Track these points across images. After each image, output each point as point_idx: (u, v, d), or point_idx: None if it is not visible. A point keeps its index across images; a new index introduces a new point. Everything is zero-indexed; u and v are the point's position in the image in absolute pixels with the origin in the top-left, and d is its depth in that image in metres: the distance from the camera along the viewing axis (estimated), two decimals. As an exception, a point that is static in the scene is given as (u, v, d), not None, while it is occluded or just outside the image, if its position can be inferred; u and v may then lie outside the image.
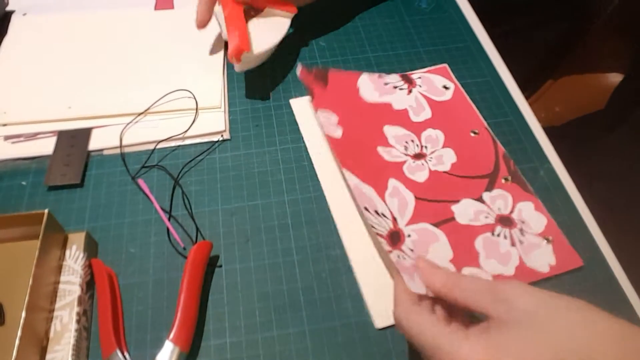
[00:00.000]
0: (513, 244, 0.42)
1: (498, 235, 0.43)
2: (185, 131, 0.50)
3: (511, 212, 0.44)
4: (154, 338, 0.39)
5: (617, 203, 0.63)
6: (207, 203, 0.46)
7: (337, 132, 0.48)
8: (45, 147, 0.49)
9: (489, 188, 0.46)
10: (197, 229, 0.44)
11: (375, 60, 0.58)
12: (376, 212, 0.43)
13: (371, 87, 0.53)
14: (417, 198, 0.45)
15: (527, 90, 1.03)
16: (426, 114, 0.51)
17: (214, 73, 0.55)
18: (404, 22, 0.62)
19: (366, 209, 0.42)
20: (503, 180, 0.46)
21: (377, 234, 0.41)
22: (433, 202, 0.45)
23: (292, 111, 0.53)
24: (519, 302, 0.28)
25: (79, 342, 0.37)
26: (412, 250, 0.41)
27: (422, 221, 0.43)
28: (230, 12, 0.51)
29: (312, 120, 0.52)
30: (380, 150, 0.48)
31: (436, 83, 0.54)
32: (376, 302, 0.40)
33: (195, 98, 0.52)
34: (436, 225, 0.43)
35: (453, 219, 0.44)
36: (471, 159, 0.48)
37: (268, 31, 0.53)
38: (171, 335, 0.36)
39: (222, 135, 0.50)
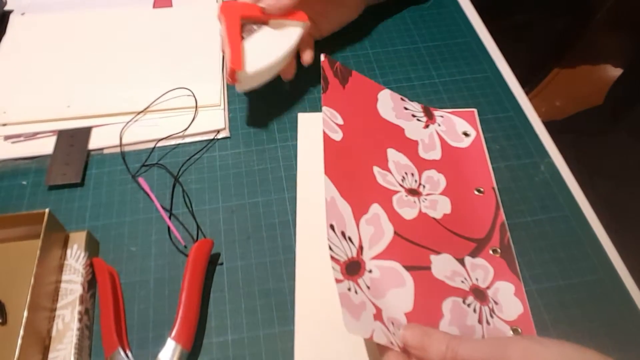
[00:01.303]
0: (480, 321, 0.37)
1: (469, 305, 0.38)
2: (185, 129, 0.50)
3: (487, 287, 0.40)
4: (155, 336, 0.39)
5: (618, 197, 0.63)
6: (208, 201, 0.46)
7: (337, 135, 0.42)
8: (45, 146, 0.49)
9: (473, 254, 0.41)
10: (198, 227, 0.44)
11: (375, 56, 0.57)
12: (342, 233, 0.36)
13: (390, 105, 0.49)
14: (396, 234, 0.39)
15: (527, 85, 1.02)
16: (435, 154, 0.47)
17: (213, 71, 0.55)
18: (403, 18, 0.62)
19: (332, 226, 0.36)
20: (491, 252, 0.41)
21: (332, 257, 0.34)
22: (413, 244, 0.39)
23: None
24: None
25: (81, 341, 0.37)
26: (368, 287, 0.35)
27: (393, 259, 0.38)
28: (228, 26, 0.47)
29: (312, 140, 0.49)
30: (376, 170, 0.43)
31: (457, 127, 0.50)
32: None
33: (194, 96, 0.52)
34: (407, 268, 0.38)
35: (429, 268, 0.38)
36: (465, 218, 0.43)
37: (269, 45, 0.48)
38: (173, 333, 0.36)
39: (218, 132, 0.50)
